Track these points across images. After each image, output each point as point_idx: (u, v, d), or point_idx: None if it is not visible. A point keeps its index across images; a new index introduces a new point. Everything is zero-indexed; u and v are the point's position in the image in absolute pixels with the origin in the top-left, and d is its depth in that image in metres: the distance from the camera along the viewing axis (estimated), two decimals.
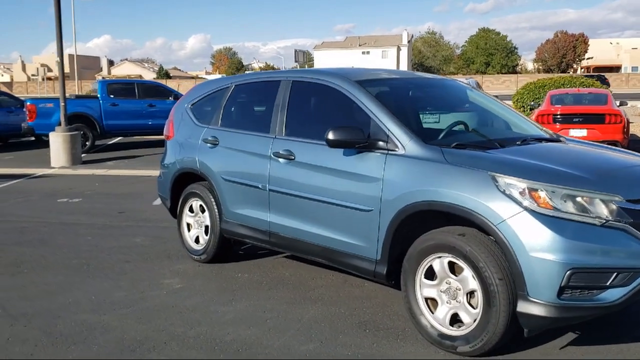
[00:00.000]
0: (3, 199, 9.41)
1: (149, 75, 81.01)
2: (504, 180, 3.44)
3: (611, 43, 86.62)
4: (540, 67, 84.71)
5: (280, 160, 4.72)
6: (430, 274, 3.79)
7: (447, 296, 3.71)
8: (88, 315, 4.42)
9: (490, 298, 3.42)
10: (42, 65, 65.22)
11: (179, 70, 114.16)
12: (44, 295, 4.88)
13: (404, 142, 3.96)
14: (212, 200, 5.45)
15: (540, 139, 4.50)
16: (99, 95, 15.82)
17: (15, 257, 6.00)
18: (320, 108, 4.91)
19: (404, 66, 76.84)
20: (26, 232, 7.13)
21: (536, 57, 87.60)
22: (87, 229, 7.27)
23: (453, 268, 3.68)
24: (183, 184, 5.89)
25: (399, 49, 78.40)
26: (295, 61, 28.65)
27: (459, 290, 3.65)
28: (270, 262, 5.72)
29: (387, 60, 75.79)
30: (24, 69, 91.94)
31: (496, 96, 6.13)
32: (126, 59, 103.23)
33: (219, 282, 5.13)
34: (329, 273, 5.29)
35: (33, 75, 75.20)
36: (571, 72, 70.31)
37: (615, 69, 77.43)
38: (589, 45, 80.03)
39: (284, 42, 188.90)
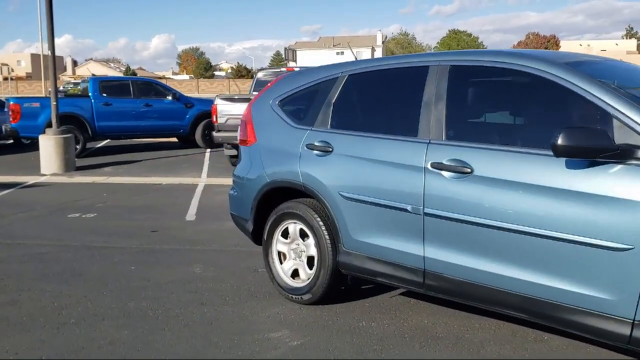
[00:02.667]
0: (0, 214, 7.90)
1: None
2: None
3: (581, 45, 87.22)
4: None
5: (445, 174, 3.46)
6: None
7: None
8: None
9: None
10: (3, 64, 62.41)
11: (145, 70, 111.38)
12: None
13: None
14: (321, 223, 4.16)
15: None
16: (90, 94, 14.26)
17: (51, 299, 4.60)
18: (509, 102, 3.66)
19: None
20: (48, 260, 5.71)
21: None
22: (123, 254, 5.88)
23: None
24: (272, 201, 4.58)
25: (373, 50, 77.50)
26: (285, 59, 27.29)
27: None
28: (389, 302, 4.44)
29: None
30: None
31: None
32: (91, 59, 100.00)
33: (347, 337, 3.83)
34: (481, 320, 4.05)
35: None
36: None
37: None
38: (560, 47, 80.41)
39: (250, 42, 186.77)
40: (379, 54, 78.87)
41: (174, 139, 16.30)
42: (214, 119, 11.45)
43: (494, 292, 3.31)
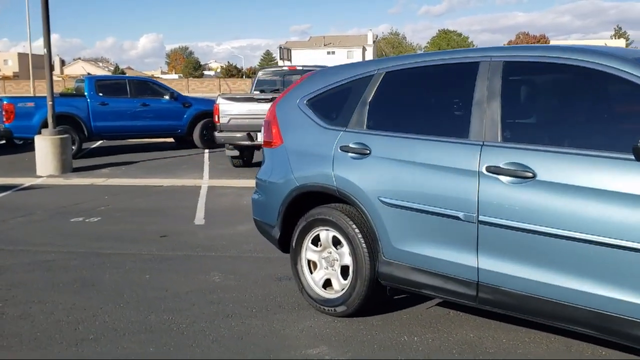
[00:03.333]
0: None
1: None
2: None
3: None
4: None
5: (503, 178, 3.20)
6: None
7: None
8: None
9: None
10: None
11: (133, 69, 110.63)
12: None
13: None
14: (357, 231, 3.89)
15: None
16: (86, 94, 13.90)
17: (65, 312, 4.30)
18: (572, 101, 3.40)
19: None
20: (55, 268, 5.40)
21: None
22: (135, 261, 5.58)
23: None
24: (301, 207, 4.31)
25: (364, 49, 77.38)
26: (280, 58, 26.96)
27: None
28: (428, 315, 4.18)
29: (353, 60, 74.56)
30: None
31: None
32: (79, 58, 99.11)
33: (392, 353, 3.57)
34: (529, 333, 3.80)
35: None
36: None
37: None
38: None
39: (239, 42, 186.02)
40: (369, 53, 78.80)
41: (170, 140, 15.98)
42: (216, 119, 11.15)
43: (560, 307, 3.06)
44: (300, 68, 13.20)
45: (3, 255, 5.80)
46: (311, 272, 4.27)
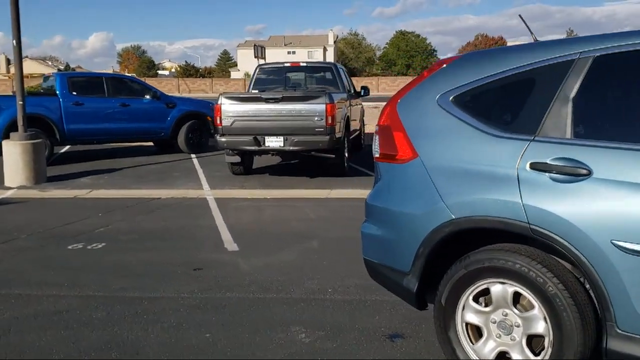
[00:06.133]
0: None
1: None
2: None
3: None
4: None
5: None
6: None
7: None
8: None
9: None
10: None
11: (83, 68, 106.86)
12: None
13: None
14: (562, 287, 2.67)
15: None
16: (58, 92, 12.25)
17: None
18: None
19: None
20: (74, 324, 4.01)
21: None
22: (179, 310, 4.24)
23: None
24: (453, 248, 3.06)
25: (325, 50, 76.17)
26: (255, 57, 25.69)
27: None
28: None
29: (314, 60, 73.35)
30: None
31: None
32: (27, 57, 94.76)
33: None
34: None
35: None
36: None
37: None
38: None
39: (192, 41, 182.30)
40: (330, 53, 77.72)
41: (149, 143, 14.47)
42: (218, 121, 9.77)
43: None
44: (304, 64, 11.91)
45: None
46: (472, 342, 3.02)
